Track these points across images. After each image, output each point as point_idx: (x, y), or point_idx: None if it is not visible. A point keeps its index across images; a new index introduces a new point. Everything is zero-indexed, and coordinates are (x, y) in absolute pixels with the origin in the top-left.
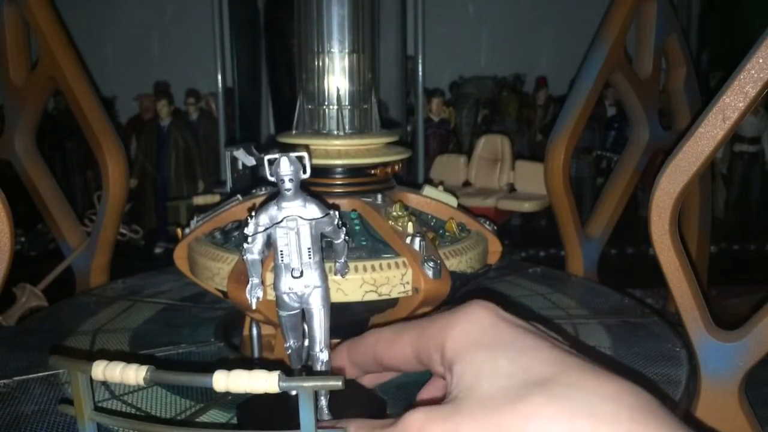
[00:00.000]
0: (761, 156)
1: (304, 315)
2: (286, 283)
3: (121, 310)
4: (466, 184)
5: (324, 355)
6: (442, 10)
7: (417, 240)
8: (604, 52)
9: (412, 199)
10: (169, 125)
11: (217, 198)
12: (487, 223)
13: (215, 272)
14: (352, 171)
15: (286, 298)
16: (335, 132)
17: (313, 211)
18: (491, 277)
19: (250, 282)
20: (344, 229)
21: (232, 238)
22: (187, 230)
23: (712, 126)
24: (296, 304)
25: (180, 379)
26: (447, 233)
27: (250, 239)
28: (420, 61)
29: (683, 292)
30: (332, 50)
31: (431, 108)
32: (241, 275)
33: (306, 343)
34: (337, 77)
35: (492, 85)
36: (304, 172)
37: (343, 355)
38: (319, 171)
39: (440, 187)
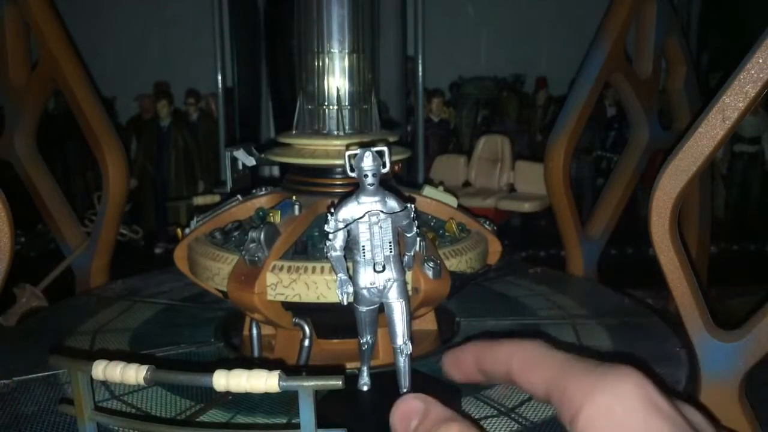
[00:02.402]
0: (761, 156)
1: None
2: (368, 278)
3: (121, 310)
4: (466, 184)
5: (408, 347)
6: (442, 11)
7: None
8: (604, 52)
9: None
10: (169, 125)
11: (217, 198)
12: (487, 223)
13: (215, 272)
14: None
15: (366, 293)
16: (335, 132)
17: (393, 204)
18: (491, 277)
19: (338, 278)
20: (416, 222)
21: (232, 238)
22: (187, 230)
23: (712, 126)
24: (376, 299)
25: (180, 379)
26: (447, 233)
27: (331, 236)
28: (420, 61)
29: (683, 292)
30: (332, 50)
31: (431, 108)
32: (241, 275)
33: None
34: (337, 77)
35: (492, 85)
36: (384, 166)
37: (468, 359)
38: (319, 171)
39: (440, 187)
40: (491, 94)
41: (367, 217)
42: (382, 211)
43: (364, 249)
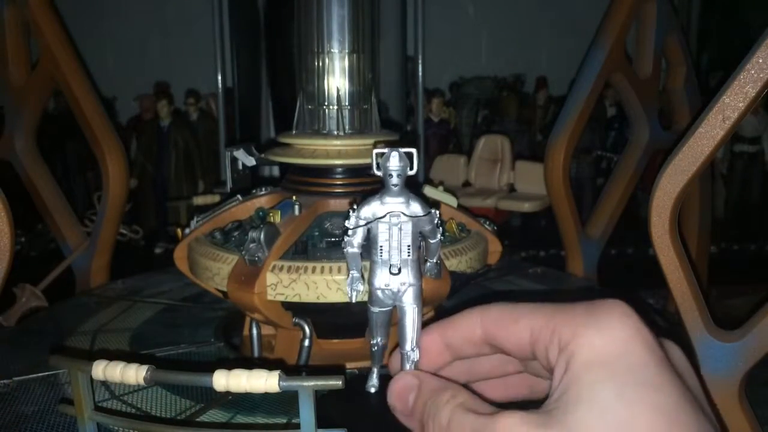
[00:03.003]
0: (761, 156)
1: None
2: (383, 279)
3: (121, 311)
4: (466, 184)
5: (415, 354)
6: (442, 11)
7: None
8: (604, 52)
9: None
10: (169, 125)
11: (217, 198)
12: (487, 223)
13: (215, 272)
14: (352, 171)
15: (380, 294)
16: (335, 132)
17: (416, 208)
18: (491, 277)
19: (350, 275)
20: (441, 229)
21: (232, 238)
22: (187, 230)
23: (712, 126)
24: (389, 301)
25: (180, 379)
26: (447, 233)
27: (350, 232)
28: (420, 61)
29: (683, 292)
30: (332, 50)
31: (431, 108)
32: (241, 275)
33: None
34: (337, 77)
35: (492, 85)
36: (411, 168)
37: (434, 335)
38: (319, 171)
39: (440, 187)
40: (491, 94)
41: (388, 218)
42: (404, 213)
43: (381, 249)
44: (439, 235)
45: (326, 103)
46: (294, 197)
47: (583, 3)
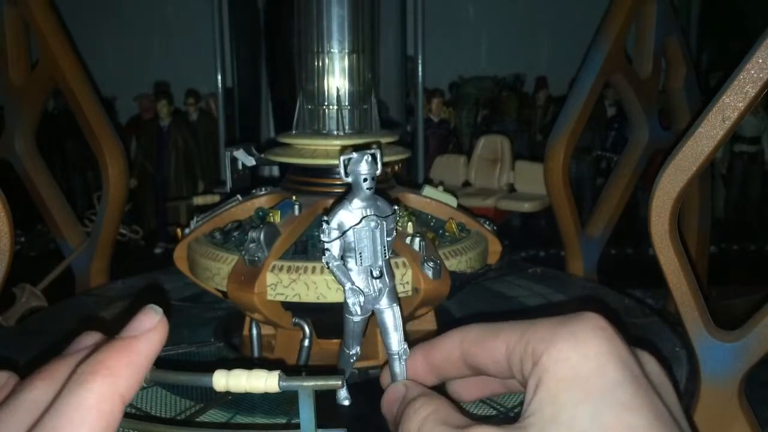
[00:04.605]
0: (761, 156)
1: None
2: (363, 285)
3: (121, 310)
4: (466, 184)
5: (406, 352)
6: (442, 11)
7: (417, 240)
8: (604, 52)
9: (412, 199)
10: (169, 125)
11: (217, 198)
12: (487, 223)
13: (215, 272)
14: None
15: (362, 300)
16: (335, 132)
17: (384, 207)
18: (491, 277)
19: (346, 289)
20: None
21: (232, 238)
22: (187, 230)
23: (711, 126)
24: (369, 307)
25: (180, 379)
26: (447, 233)
27: (328, 246)
28: (420, 61)
29: (683, 292)
30: (332, 50)
31: (431, 108)
32: (240, 275)
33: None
34: (336, 77)
35: (492, 85)
36: (378, 169)
37: (417, 359)
38: (319, 171)
39: (440, 187)
40: (491, 94)
41: (365, 223)
42: (377, 215)
43: (361, 255)
44: (394, 231)
45: (326, 103)
46: (294, 197)
47: (583, 3)
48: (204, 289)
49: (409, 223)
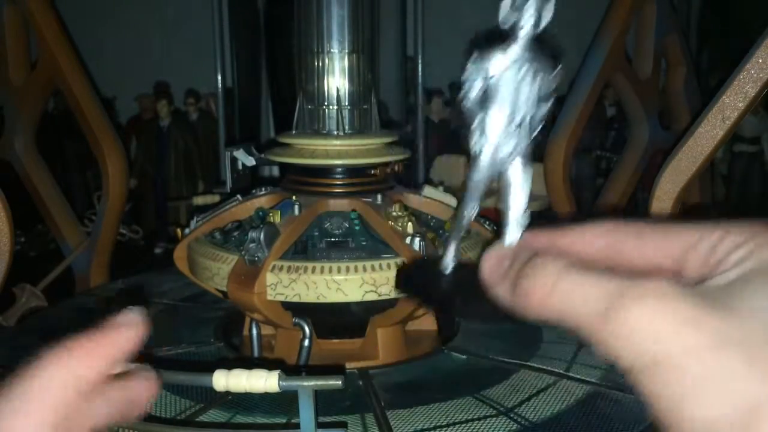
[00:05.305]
0: (761, 156)
1: None
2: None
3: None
4: None
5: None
6: (442, 11)
7: (417, 240)
8: (604, 52)
9: (412, 199)
10: (169, 125)
11: (217, 198)
12: (487, 223)
13: (215, 272)
14: (352, 171)
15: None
16: (335, 132)
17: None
18: None
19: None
20: None
21: (232, 238)
22: (187, 230)
23: (712, 126)
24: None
25: (180, 379)
26: (447, 233)
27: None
28: (420, 61)
29: None
30: (332, 50)
31: (431, 108)
32: (241, 275)
33: None
34: (337, 77)
35: None
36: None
37: (539, 240)
38: (319, 171)
39: (440, 188)
40: None
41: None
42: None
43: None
44: None
45: (326, 103)
46: (294, 197)
47: (582, 3)
48: (204, 289)
49: (409, 223)
